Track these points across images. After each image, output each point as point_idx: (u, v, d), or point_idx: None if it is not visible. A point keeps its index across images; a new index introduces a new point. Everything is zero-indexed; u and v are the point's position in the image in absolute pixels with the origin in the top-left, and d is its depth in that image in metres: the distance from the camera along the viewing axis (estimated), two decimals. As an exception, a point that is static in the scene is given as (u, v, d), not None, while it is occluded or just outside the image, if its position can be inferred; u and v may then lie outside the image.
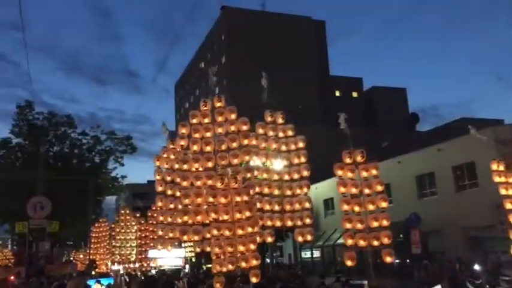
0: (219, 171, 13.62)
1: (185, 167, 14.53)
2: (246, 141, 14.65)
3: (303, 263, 33.35)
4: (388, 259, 13.39)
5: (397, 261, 25.73)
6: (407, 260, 23.42)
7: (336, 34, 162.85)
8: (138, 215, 31.28)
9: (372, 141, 39.82)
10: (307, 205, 15.35)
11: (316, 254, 33.68)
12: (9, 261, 29.56)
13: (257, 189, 15.03)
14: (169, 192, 16.07)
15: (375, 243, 13.35)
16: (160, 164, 16.66)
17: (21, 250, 26.35)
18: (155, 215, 20.22)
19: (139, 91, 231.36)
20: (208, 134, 14.61)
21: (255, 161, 15.62)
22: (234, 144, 14.38)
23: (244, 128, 14.82)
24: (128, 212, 32.23)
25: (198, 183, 13.89)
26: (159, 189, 16.46)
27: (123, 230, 30.52)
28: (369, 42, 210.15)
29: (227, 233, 12.90)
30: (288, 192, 15.54)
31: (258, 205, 14.69)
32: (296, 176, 15.71)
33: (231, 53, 58.15)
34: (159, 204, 16.33)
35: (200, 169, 14.29)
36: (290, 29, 58.70)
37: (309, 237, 15.25)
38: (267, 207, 15.00)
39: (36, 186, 22.56)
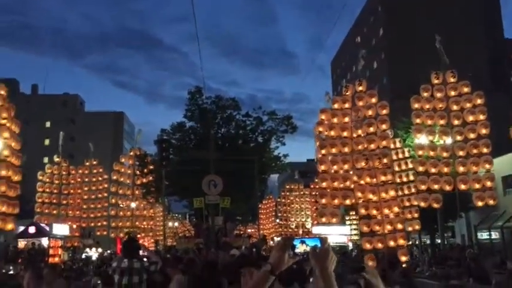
0: (355, 156, 13.70)
1: (323, 151, 14.64)
2: (384, 126, 14.17)
3: (479, 244, 30.56)
4: None
5: None
6: None
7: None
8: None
9: None
10: (487, 166, 13.94)
11: (495, 235, 30.58)
12: (189, 231, 32.78)
13: (420, 152, 14.50)
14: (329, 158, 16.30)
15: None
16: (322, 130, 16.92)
17: (198, 223, 28.89)
18: (318, 183, 20.60)
19: (295, 71, 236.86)
20: (346, 119, 14.53)
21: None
22: (371, 129, 14.06)
23: (384, 112, 14.36)
24: (293, 187, 33.33)
25: (335, 167, 14.09)
26: (319, 155, 16.84)
27: (289, 207, 31.68)
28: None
29: (374, 212, 12.96)
30: (461, 153, 14.34)
31: (420, 168, 14.18)
32: (472, 136, 14.37)
33: (389, 23, 55.37)
34: (322, 167, 16.65)
35: (337, 153, 14.47)
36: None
37: (491, 202, 13.95)
38: (432, 170, 14.14)
39: (210, 166, 24.35)
